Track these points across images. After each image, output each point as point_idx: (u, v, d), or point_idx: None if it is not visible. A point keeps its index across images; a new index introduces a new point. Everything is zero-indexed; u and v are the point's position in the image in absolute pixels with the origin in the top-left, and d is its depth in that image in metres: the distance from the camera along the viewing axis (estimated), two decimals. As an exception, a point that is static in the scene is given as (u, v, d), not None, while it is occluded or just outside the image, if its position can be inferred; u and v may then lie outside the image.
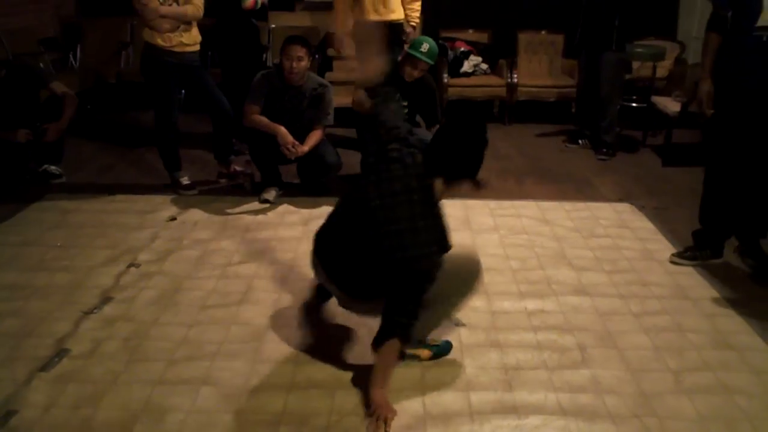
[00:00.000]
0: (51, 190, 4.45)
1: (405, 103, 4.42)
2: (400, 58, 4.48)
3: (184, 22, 4.17)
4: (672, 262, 3.51)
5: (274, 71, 4.20)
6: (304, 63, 4.09)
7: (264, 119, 4.11)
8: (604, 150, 5.37)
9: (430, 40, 4.33)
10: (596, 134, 5.46)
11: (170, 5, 4.11)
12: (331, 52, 6.62)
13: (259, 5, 5.01)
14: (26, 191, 4.38)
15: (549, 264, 3.48)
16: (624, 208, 4.27)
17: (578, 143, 5.66)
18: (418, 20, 5.11)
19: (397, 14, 4.98)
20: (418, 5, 5.08)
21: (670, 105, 5.28)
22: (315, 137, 4.18)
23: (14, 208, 4.07)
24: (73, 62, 6.68)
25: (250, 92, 4.17)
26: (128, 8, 4.15)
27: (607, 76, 5.25)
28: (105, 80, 6.53)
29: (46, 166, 4.64)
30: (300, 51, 4.04)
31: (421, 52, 4.21)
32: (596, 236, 3.84)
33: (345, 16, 5.03)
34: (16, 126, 4.34)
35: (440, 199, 2.32)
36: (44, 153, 4.58)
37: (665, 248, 3.67)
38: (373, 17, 4.90)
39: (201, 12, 4.24)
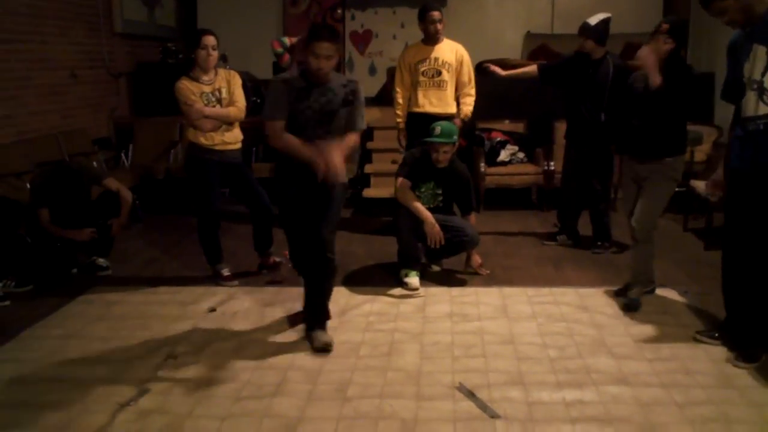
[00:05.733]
0: (97, 282, 4.59)
1: (439, 191, 4.50)
2: None
3: (227, 123, 4.37)
4: (695, 339, 3.52)
5: (293, 74, 3.60)
6: (334, 61, 3.41)
7: (295, 141, 3.40)
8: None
9: (443, 122, 4.43)
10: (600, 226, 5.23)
11: (214, 106, 4.33)
12: (369, 145, 6.81)
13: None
14: (73, 284, 4.52)
15: (588, 352, 3.41)
16: (666, 293, 4.19)
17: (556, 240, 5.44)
18: (469, 114, 5.26)
19: (452, 108, 5.18)
20: (471, 100, 5.25)
21: (710, 189, 5.22)
22: (352, 140, 3.58)
23: (60, 301, 4.19)
24: (125, 160, 7.00)
25: (270, 104, 3.45)
26: (178, 109, 4.36)
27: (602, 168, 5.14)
28: (154, 177, 6.80)
29: (94, 258, 4.81)
30: (330, 49, 3.33)
31: (436, 135, 4.29)
32: (637, 323, 3.76)
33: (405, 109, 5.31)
34: (70, 223, 4.55)
35: None
36: (94, 245, 4.74)
37: (709, 335, 3.57)
38: (428, 109, 5.11)
39: (243, 114, 4.43)
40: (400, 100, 5.34)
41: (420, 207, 4.33)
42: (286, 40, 5.34)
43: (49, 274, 4.53)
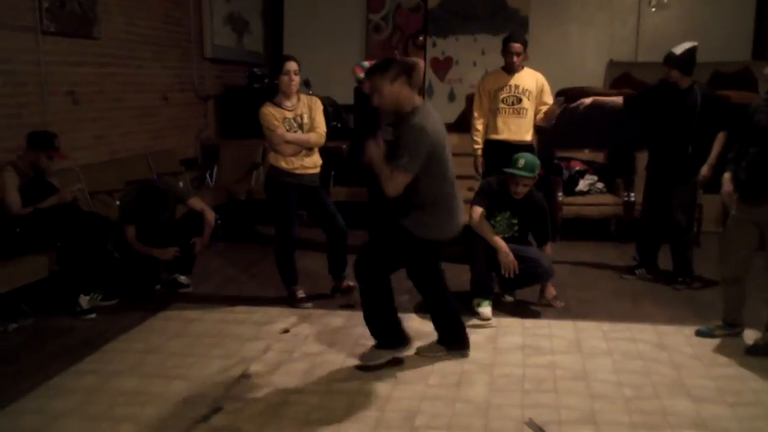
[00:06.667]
0: (178, 299, 4.75)
1: (515, 221, 4.46)
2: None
3: (307, 148, 4.47)
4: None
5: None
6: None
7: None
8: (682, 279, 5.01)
9: (528, 155, 4.40)
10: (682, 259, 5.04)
11: (295, 131, 4.44)
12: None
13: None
14: (156, 299, 4.70)
15: (665, 393, 3.29)
16: (752, 335, 4.00)
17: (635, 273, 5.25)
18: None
19: (530, 136, 5.17)
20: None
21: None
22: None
23: (143, 316, 4.37)
24: (209, 180, 7.25)
25: None
26: (262, 132, 4.50)
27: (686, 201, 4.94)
28: (236, 197, 7.01)
29: (176, 275, 4.99)
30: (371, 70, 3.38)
31: (518, 167, 4.25)
32: (719, 365, 3.61)
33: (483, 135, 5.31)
34: (155, 241, 4.75)
35: None
36: (176, 263, 4.93)
37: (798, 381, 3.39)
38: (507, 137, 5.14)
39: (323, 139, 4.53)
40: (479, 127, 5.34)
41: (495, 236, 4.30)
42: (367, 65, 5.41)
43: (134, 290, 4.75)
